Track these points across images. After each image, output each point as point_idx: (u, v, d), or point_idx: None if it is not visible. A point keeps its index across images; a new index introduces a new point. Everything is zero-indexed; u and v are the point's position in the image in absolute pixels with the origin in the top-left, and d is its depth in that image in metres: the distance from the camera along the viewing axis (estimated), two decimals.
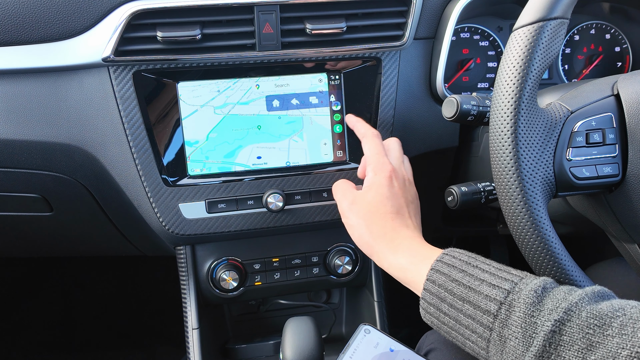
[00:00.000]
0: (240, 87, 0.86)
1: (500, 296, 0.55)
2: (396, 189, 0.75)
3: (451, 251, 0.64)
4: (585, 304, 0.51)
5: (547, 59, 0.61)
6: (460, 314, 0.58)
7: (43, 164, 0.85)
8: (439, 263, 0.62)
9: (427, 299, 0.62)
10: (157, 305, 1.69)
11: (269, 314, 1.11)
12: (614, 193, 0.68)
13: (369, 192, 0.75)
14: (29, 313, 1.67)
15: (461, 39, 1.02)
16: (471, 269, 0.60)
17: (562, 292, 0.53)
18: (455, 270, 0.60)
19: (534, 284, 0.54)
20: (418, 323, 0.73)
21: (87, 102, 0.82)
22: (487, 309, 0.55)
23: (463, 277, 0.59)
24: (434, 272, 0.62)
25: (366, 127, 0.84)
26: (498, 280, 0.57)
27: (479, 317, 0.56)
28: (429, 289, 0.61)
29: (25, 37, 0.79)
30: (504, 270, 0.59)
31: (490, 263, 0.61)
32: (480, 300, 0.56)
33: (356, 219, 0.75)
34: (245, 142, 0.88)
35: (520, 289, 0.55)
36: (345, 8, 0.84)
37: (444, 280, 0.60)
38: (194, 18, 0.80)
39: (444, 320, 0.60)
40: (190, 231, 0.86)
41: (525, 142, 0.62)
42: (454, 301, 0.59)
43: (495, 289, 0.56)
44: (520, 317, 0.52)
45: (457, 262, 0.61)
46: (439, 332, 0.62)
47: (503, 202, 0.63)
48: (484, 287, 0.57)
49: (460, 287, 0.58)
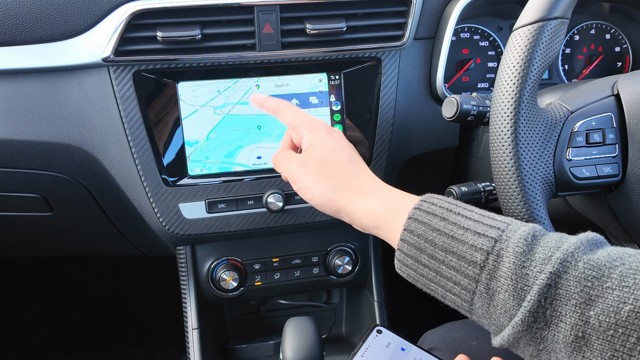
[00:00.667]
0: (240, 87, 0.86)
1: (486, 245, 0.50)
2: (338, 139, 0.71)
3: (430, 197, 0.59)
4: (580, 254, 0.46)
5: (547, 59, 0.61)
6: (442, 265, 0.53)
7: (43, 164, 0.85)
8: (417, 211, 0.57)
9: (405, 250, 0.57)
10: (157, 305, 1.69)
11: (269, 314, 1.11)
12: (613, 193, 0.68)
13: (314, 149, 0.69)
14: (29, 313, 1.67)
15: (461, 39, 1.02)
16: (453, 216, 0.54)
17: (553, 239, 0.49)
18: (435, 219, 0.55)
19: (523, 231, 0.50)
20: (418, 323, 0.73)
21: (87, 102, 0.82)
22: (472, 259, 0.51)
23: (445, 226, 0.54)
24: (412, 222, 0.56)
25: (277, 100, 0.77)
26: (484, 228, 0.52)
27: (463, 269, 0.51)
28: (406, 240, 0.57)
29: (25, 37, 0.79)
30: (489, 217, 0.54)
31: (472, 209, 0.56)
32: (464, 250, 0.51)
33: (311, 179, 0.68)
34: (245, 142, 0.88)
35: (508, 236, 0.50)
36: (345, 8, 0.84)
37: (424, 230, 0.55)
38: (193, 18, 0.80)
39: (423, 272, 0.56)
40: (190, 231, 0.86)
41: (525, 142, 0.62)
42: (434, 252, 0.54)
43: (481, 237, 0.51)
44: (510, 268, 0.48)
45: (437, 209, 0.56)
46: (416, 285, 0.58)
47: (503, 202, 0.63)
48: (468, 235, 0.52)
49: (442, 237, 0.54)
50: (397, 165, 0.94)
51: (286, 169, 0.72)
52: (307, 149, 0.70)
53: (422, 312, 1.40)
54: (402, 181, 0.96)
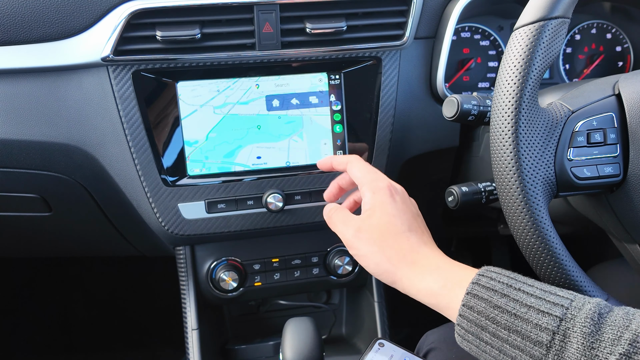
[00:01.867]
0: (240, 86, 0.86)
1: (552, 325, 0.49)
2: (400, 204, 0.68)
3: (488, 271, 0.57)
4: None
5: (548, 59, 0.61)
6: (506, 344, 0.52)
7: (42, 164, 0.85)
8: (475, 286, 0.56)
9: (465, 327, 0.56)
10: (157, 305, 1.69)
11: (269, 315, 1.11)
12: (615, 193, 0.68)
13: (374, 214, 0.67)
14: (29, 313, 1.66)
15: (462, 39, 1.01)
16: (514, 293, 0.53)
17: (620, 318, 0.48)
18: (496, 295, 0.54)
19: (588, 310, 0.49)
20: (418, 323, 0.73)
21: (87, 101, 0.82)
22: (538, 339, 0.50)
23: (506, 303, 0.53)
24: (471, 297, 0.55)
25: (347, 156, 0.78)
26: (547, 306, 0.51)
27: (528, 349, 0.50)
28: (465, 316, 0.55)
29: (24, 37, 0.79)
30: (551, 293, 0.53)
31: (533, 284, 0.55)
32: (529, 330, 0.50)
33: (367, 247, 0.66)
34: (245, 142, 0.87)
35: (573, 315, 0.49)
36: (345, 7, 0.84)
37: (484, 306, 0.54)
38: (193, 17, 0.80)
39: (486, 349, 0.54)
40: (190, 231, 0.86)
41: (526, 142, 0.61)
42: (497, 330, 0.53)
43: (546, 316, 0.50)
44: (578, 350, 0.47)
45: (497, 284, 0.55)
46: (480, 358, 0.57)
47: (504, 202, 0.63)
48: (531, 314, 0.51)
49: (504, 315, 0.52)
50: (398, 165, 0.94)
51: (342, 233, 0.70)
52: (367, 213, 0.68)
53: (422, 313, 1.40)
54: (403, 181, 0.95)
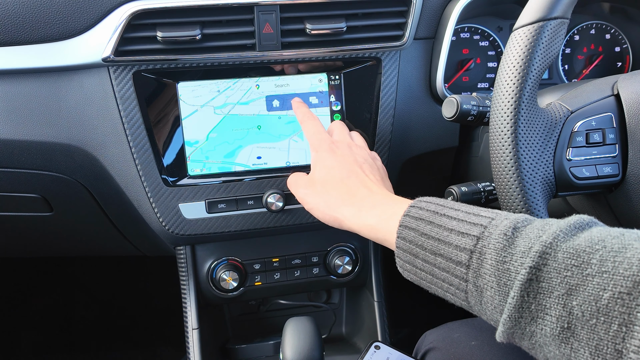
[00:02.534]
0: (240, 87, 0.86)
1: (469, 244, 0.51)
2: (339, 156, 0.74)
3: (418, 202, 0.60)
4: (560, 242, 0.45)
5: (547, 59, 0.62)
6: (435, 267, 0.54)
7: (43, 164, 0.85)
8: (406, 218, 0.59)
9: (402, 257, 0.59)
10: (157, 305, 1.69)
11: (269, 314, 1.11)
12: (614, 193, 0.68)
13: (315, 169, 0.75)
14: (29, 313, 1.67)
15: (461, 39, 1.02)
16: (439, 219, 0.56)
17: (535, 229, 0.48)
18: (423, 223, 0.56)
19: (504, 225, 0.50)
20: (418, 323, 0.73)
21: (87, 102, 0.82)
22: (458, 259, 0.51)
23: (432, 229, 0.55)
24: (403, 229, 0.58)
25: (304, 112, 0.83)
26: (467, 227, 0.52)
27: (452, 269, 0.52)
28: (400, 247, 0.59)
29: (25, 37, 0.79)
30: (474, 214, 0.54)
31: (459, 208, 0.56)
32: (450, 252, 0.52)
33: (313, 200, 0.74)
34: (245, 142, 0.87)
35: (490, 232, 0.50)
36: (345, 8, 0.84)
37: (414, 235, 0.57)
38: (193, 18, 0.80)
39: (421, 275, 0.57)
40: (190, 231, 0.86)
41: (525, 142, 0.62)
42: (425, 256, 0.55)
43: (465, 237, 0.52)
44: (492, 265, 0.48)
45: (425, 213, 0.57)
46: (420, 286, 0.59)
47: (503, 202, 0.63)
48: (452, 236, 0.53)
49: (430, 241, 0.55)
50: (397, 165, 0.94)
51: (294, 193, 0.79)
52: (311, 171, 0.76)
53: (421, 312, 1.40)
54: (402, 181, 0.96)
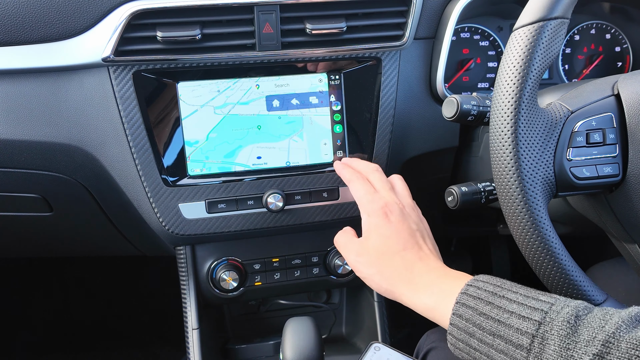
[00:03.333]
0: (240, 87, 0.86)
1: (531, 329, 0.52)
2: (395, 223, 0.72)
3: (475, 281, 0.61)
4: (623, 333, 0.48)
5: (548, 59, 0.61)
6: (492, 349, 0.55)
7: (43, 164, 0.85)
8: (464, 296, 0.59)
9: (455, 334, 0.59)
10: (157, 305, 1.69)
11: (269, 314, 1.11)
12: (614, 193, 0.68)
13: (370, 237, 0.72)
14: (29, 313, 1.66)
15: (461, 39, 1.02)
16: (498, 300, 0.56)
17: (597, 319, 0.50)
18: (481, 303, 0.57)
19: (566, 313, 0.52)
20: (418, 323, 0.73)
21: (87, 102, 0.82)
22: (519, 343, 0.52)
23: (491, 310, 0.56)
24: (459, 306, 0.59)
25: (350, 173, 0.81)
26: (528, 311, 0.54)
27: (511, 352, 0.53)
28: (455, 324, 0.59)
29: (25, 37, 0.79)
30: (533, 298, 0.56)
31: (517, 290, 0.58)
32: (511, 334, 0.53)
33: (367, 270, 0.71)
34: (245, 142, 0.87)
35: (552, 318, 0.52)
36: (345, 8, 0.84)
37: (471, 314, 0.57)
38: (193, 18, 0.80)
39: (475, 355, 0.57)
40: (190, 231, 0.86)
41: (526, 142, 0.61)
42: (483, 336, 0.56)
43: (526, 321, 0.53)
44: (555, 351, 0.50)
45: (483, 293, 0.58)
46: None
47: (503, 202, 0.63)
48: (513, 319, 0.54)
49: (488, 321, 0.56)
50: (397, 166, 0.94)
51: (345, 257, 0.76)
52: (364, 236, 0.73)
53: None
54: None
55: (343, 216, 0.91)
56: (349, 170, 0.82)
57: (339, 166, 0.85)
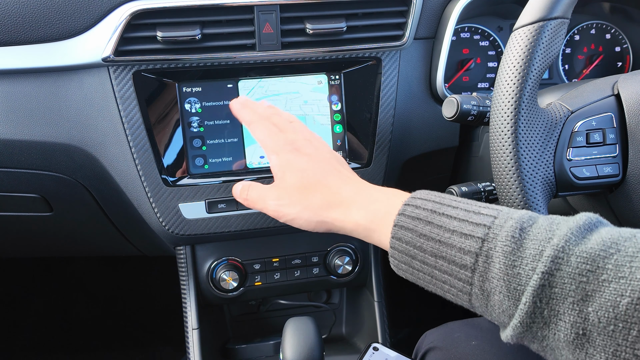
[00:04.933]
0: (242, 87, 0.86)
1: (474, 247, 0.49)
2: (307, 154, 0.68)
3: (413, 199, 0.57)
4: (572, 246, 0.44)
5: (548, 59, 0.61)
6: (435, 269, 0.53)
7: (43, 164, 0.85)
8: (402, 217, 0.56)
9: (397, 257, 0.56)
10: (157, 305, 1.69)
11: (269, 314, 1.11)
12: (614, 193, 0.68)
13: (285, 176, 0.67)
14: (29, 313, 1.67)
15: (461, 39, 1.02)
16: (438, 218, 0.53)
17: (543, 230, 0.47)
18: (421, 224, 0.54)
19: (510, 227, 0.48)
20: (418, 323, 0.73)
21: (87, 102, 0.82)
22: (462, 263, 0.50)
23: (431, 230, 0.53)
24: (398, 229, 0.55)
25: (250, 114, 0.74)
26: (470, 228, 0.50)
27: (455, 272, 0.51)
28: (396, 248, 0.56)
29: (25, 37, 0.79)
30: (474, 212, 0.52)
31: (457, 205, 0.54)
32: (453, 255, 0.50)
33: (292, 209, 0.66)
34: (246, 141, 0.87)
35: (495, 234, 0.48)
36: (345, 8, 0.84)
37: (411, 236, 0.54)
38: (193, 18, 0.80)
39: (419, 275, 0.55)
40: (190, 231, 0.86)
41: (526, 142, 0.62)
42: (425, 257, 0.53)
43: (468, 238, 0.50)
44: (500, 269, 0.47)
45: (422, 212, 0.55)
46: (417, 284, 0.57)
47: (503, 202, 0.63)
48: (455, 238, 0.51)
49: (429, 242, 0.52)
50: (397, 166, 0.94)
51: (264, 208, 0.70)
52: (278, 176, 0.68)
53: (422, 312, 1.40)
54: (403, 182, 0.96)
55: None
56: (248, 111, 0.75)
57: (237, 106, 0.75)
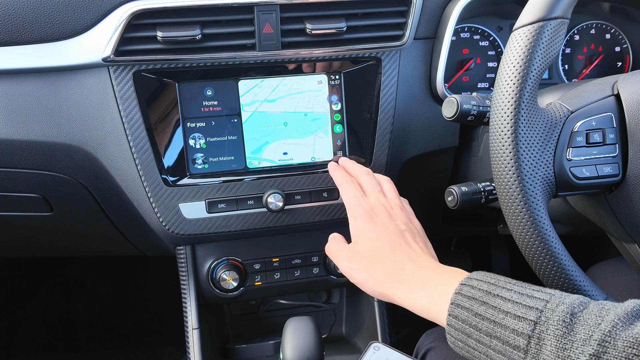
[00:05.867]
0: (241, 87, 0.86)
1: (527, 329, 0.51)
2: (380, 225, 0.72)
3: (469, 280, 0.59)
4: (619, 331, 0.47)
5: (547, 59, 0.61)
6: (489, 349, 0.55)
7: (43, 164, 0.85)
8: (458, 296, 0.58)
9: (453, 335, 0.59)
10: (157, 305, 1.69)
11: (269, 314, 1.11)
12: (614, 193, 0.68)
13: (357, 243, 0.72)
14: (29, 313, 1.67)
15: (461, 39, 1.02)
16: (493, 300, 0.56)
17: (593, 316, 0.49)
18: (476, 303, 0.56)
19: (561, 311, 0.51)
20: (418, 323, 0.73)
21: (88, 102, 0.82)
22: (515, 344, 0.52)
23: (486, 311, 0.55)
24: (454, 307, 0.58)
25: (342, 175, 0.81)
26: (523, 310, 0.53)
27: (509, 353, 0.53)
28: (452, 325, 0.58)
29: (25, 37, 0.79)
30: (527, 296, 0.54)
31: (512, 287, 0.56)
32: (507, 335, 0.53)
33: (358, 275, 0.71)
34: (246, 141, 0.87)
35: (547, 317, 0.51)
36: (345, 8, 0.84)
37: (467, 315, 0.57)
38: (194, 18, 0.80)
39: (474, 354, 0.57)
40: (190, 231, 0.86)
41: (526, 142, 0.62)
42: (480, 337, 0.55)
43: (522, 321, 0.52)
44: (552, 352, 0.49)
45: (477, 292, 0.57)
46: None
47: (503, 202, 0.63)
48: (508, 319, 0.53)
49: (484, 322, 0.55)
50: (397, 166, 0.94)
51: (337, 264, 0.76)
52: (352, 241, 0.74)
53: None
54: (403, 181, 0.96)
55: (343, 216, 0.90)
56: (341, 172, 0.83)
57: (332, 167, 0.86)
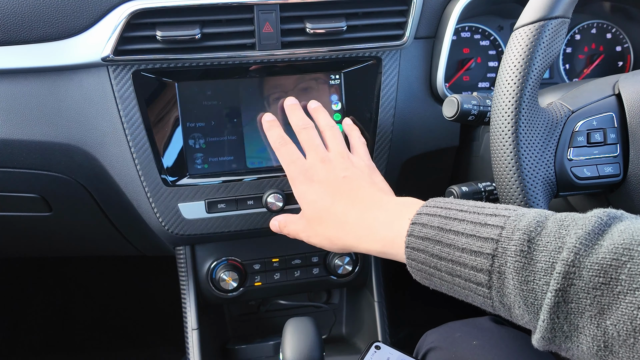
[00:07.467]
0: (242, 86, 0.86)
1: (486, 265, 0.49)
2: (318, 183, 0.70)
3: (419, 217, 0.57)
4: (583, 258, 0.43)
5: (548, 59, 0.61)
6: (455, 285, 0.53)
7: (42, 164, 0.85)
8: (411, 239, 0.56)
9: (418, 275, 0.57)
10: (157, 305, 1.69)
11: (269, 314, 1.11)
12: (615, 193, 0.68)
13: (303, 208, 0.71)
14: (29, 313, 1.66)
15: (462, 39, 1.01)
16: (446, 237, 0.53)
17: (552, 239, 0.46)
18: (431, 244, 0.54)
19: (518, 239, 0.47)
20: (418, 323, 0.73)
21: (87, 101, 0.82)
22: (478, 281, 0.50)
23: (442, 250, 0.53)
24: (410, 251, 0.56)
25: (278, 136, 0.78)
26: (478, 244, 0.50)
27: (474, 289, 0.51)
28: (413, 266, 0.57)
29: (24, 37, 0.79)
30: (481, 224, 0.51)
31: (464, 217, 0.53)
32: (468, 273, 0.51)
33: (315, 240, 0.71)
34: (246, 141, 0.87)
35: (504, 248, 0.48)
36: (345, 7, 0.84)
37: (424, 258, 0.55)
38: (193, 17, 0.80)
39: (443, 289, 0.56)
40: (190, 231, 0.86)
41: (526, 141, 0.61)
42: (442, 276, 0.54)
43: (479, 256, 0.49)
44: (515, 286, 0.47)
45: (430, 231, 0.55)
46: None
47: (504, 202, 0.63)
48: (465, 257, 0.51)
49: (442, 262, 0.53)
50: (398, 166, 0.94)
51: (296, 235, 0.75)
52: (301, 203, 0.73)
53: (422, 312, 1.40)
54: (403, 181, 0.96)
55: None
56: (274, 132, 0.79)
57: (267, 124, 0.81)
